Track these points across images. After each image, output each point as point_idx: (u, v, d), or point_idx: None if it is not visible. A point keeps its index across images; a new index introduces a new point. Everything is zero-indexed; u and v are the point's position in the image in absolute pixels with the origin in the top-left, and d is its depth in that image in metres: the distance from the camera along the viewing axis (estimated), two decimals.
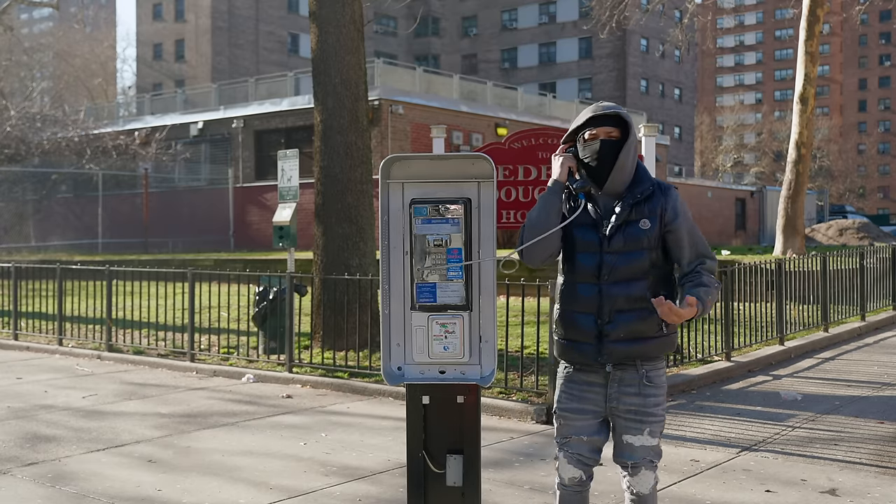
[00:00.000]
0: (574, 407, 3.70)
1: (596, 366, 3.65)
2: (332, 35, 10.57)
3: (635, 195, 3.63)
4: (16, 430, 7.43)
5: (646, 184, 3.66)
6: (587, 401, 3.68)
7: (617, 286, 3.59)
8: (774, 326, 11.08)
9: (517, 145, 11.51)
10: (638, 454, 3.66)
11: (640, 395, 3.64)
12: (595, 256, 3.61)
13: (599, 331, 3.60)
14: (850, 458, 6.28)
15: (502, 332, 9.80)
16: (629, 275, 3.59)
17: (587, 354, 3.64)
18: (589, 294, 3.62)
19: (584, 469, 3.72)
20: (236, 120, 32.10)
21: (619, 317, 3.59)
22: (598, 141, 3.63)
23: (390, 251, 3.83)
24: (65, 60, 60.72)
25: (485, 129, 31.30)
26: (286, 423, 7.62)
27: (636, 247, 3.60)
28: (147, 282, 12.23)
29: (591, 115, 3.66)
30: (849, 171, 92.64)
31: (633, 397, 3.64)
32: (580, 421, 3.69)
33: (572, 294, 3.68)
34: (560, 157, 3.71)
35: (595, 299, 3.61)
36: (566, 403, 3.73)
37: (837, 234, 29.72)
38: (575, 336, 3.67)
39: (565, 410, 3.72)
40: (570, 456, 3.71)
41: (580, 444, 3.70)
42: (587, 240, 3.63)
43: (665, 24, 57.15)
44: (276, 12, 61.83)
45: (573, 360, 3.71)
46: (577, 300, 3.65)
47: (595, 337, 3.62)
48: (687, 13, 30.56)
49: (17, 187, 30.93)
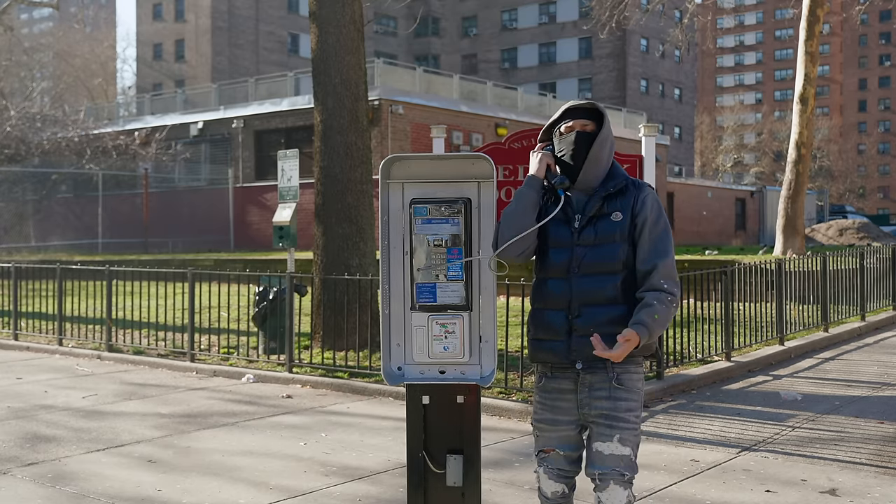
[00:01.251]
0: (547, 417, 3.61)
1: (566, 365, 3.54)
2: (332, 35, 10.57)
3: (608, 188, 3.57)
4: (16, 430, 7.43)
5: (619, 179, 3.60)
6: (560, 410, 3.58)
7: (587, 279, 3.50)
8: (774, 326, 11.08)
9: (517, 145, 11.47)
10: (607, 463, 3.47)
11: (610, 398, 3.50)
12: (566, 251, 3.53)
13: (569, 326, 3.51)
14: (850, 458, 6.28)
15: (502, 332, 9.80)
16: (600, 269, 3.50)
17: (558, 353, 3.54)
18: (559, 290, 3.54)
19: (565, 482, 3.64)
20: (236, 120, 32.10)
21: (588, 310, 3.49)
22: (574, 133, 3.59)
23: (390, 251, 3.83)
24: (65, 60, 60.72)
25: (485, 129, 31.29)
26: (286, 423, 7.62)
27: (607, 240, 3.51)
28: (147, 282, 12.23)
29: (566, 107, 3.65)
30: (849, 171, 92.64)
31: (604, 401, 3.51)
32: (555, 432, 3.60)
33: (543, 291, 3.61)
34: (538, 153, 3.67)
35: (565, 295, 3.52)
36: (540, 414, 3.64)
37: (837, 234, 29.71)
38: (545, 335, 3.58)
39: (540, 421, 3.64)
40: (549, 471, 3.63)
41: (558, 458, 3.61)
42: (559, 236, 3.56)
43: (665, 24, 57.16)
44: (276, 12, 61.83)
45: (544, 359, 3.61)
46: (548, 297, 3.58)
47: (566, 333, 3.52)
48: (687, 13, 30.56)
49: (17, 187, 30.93)
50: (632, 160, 8.34)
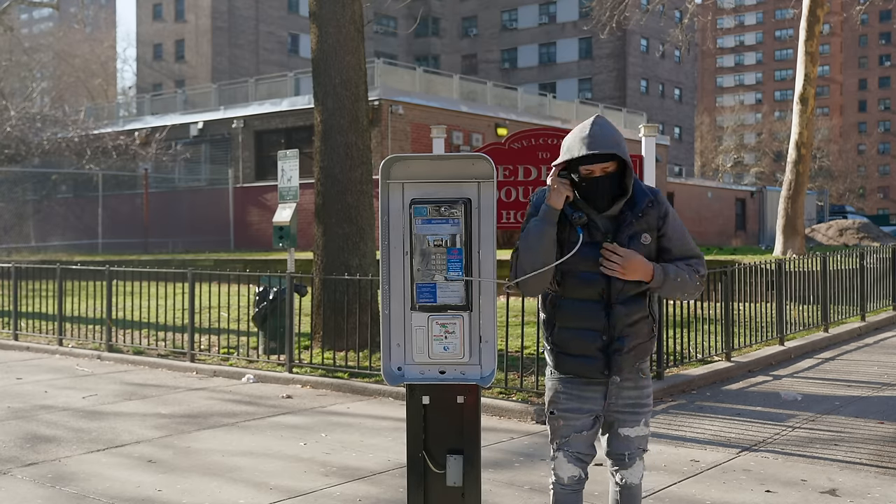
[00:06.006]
0: (574, 407, 3.72)
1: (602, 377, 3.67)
2: (332, 35, 10.58)
3: (636, 213, 3.66)
4: (16, 430, 7.43)
5: (642, 200, 3.69)
6: (587, 400, 3.71)
7: (626, 304, 3.63)
8: (774, 326, 11.08)
9: (517, 145, 11.50)
10: (634, 444, 3.76)
11: (636, 387, 3.73)
12: (596, 274, 3.61)
13: (607, 346, 3.63)
14: (850, 459, 6.28)
15: (502, 333, 9.80)
16: (636, 291, 3.64)
17: (593, 367, 3.66)
18: (595, 314, 3.63)
19: (581, 467, 3.76)
20: (236, 120, 32.10)
21: (629, 331, 3.64)
22: (595, 179, 3.62)
23: (390, 251, 3.83)
24: (65, 60, 60.72)
25: (485, 130, 31.29)
26: (286, 424, 7.62)
27: None
28: (147, 282, 12.23)
29: (587, 152, 3.55)
30: (849, 172, 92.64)
31: (632, 391, 3.72)
32: (579, 420, 3.72)
33: (573, 312, 3.67)
34: (556, 184, 3.60)
35: (601, 317, 3.62)
36: (565, 404, 3.73)
37: (837, 235, 29.71)
38: (579, 350, 3.67)
39: (565, 411, 3.73)
40: (569, 455, 3.74)
41: (579, 441, 3.73)
42: (590, 258, 3.61)
43: (665, 24, 57.18)
44: (276, 12, 61.84)
45: (575, 371, 3.71)
46: (581, 319, 3.65)
47: (600, 350, 3.64)
48: (687, 13, 30.57)
49: (18, 187, 30.91)
50: (632, 160, 8.34)
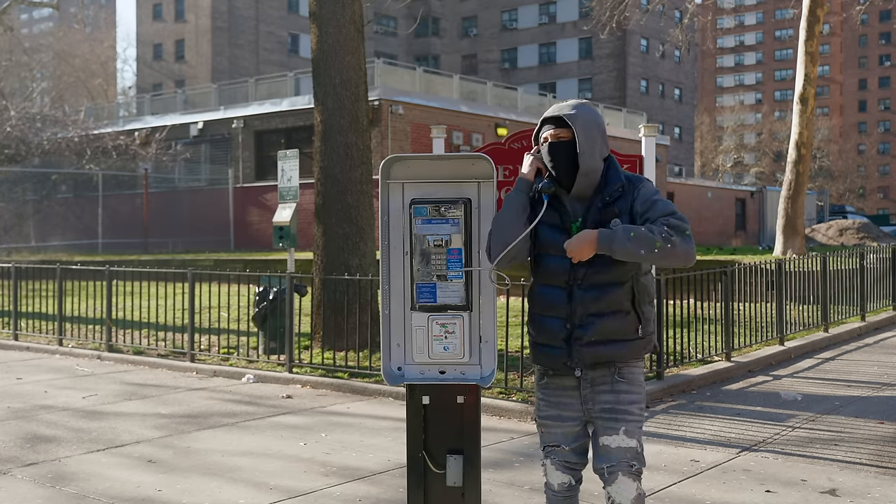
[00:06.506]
0: (552, 414, 3.63)
1: (566, 370, 3.56)
2: (332, 35, 10.58)
3: (604, 198, 3.51)
4: (16, 430, 7.43)
5: (614, 185, 3.52)
6: (565, 406, 3.60)
7: (591, 290, 3.47)
8: (774, 326, 11.08)
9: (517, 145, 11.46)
10: (614, 456, 3.49)
11: (612, 391, 3.52)
12: (563, 260, 3.48)
13: (569, 334, 3.51)
14: (850, 459, 6.28)
15: (502, 333, 9.80)
16: (604, 279, 3.47)
17: (556, 358, 3.55)
18: (558, 299, 3.52)
19: (572, 474, 3.66)
20: (236, 120, 32.09)
21: (591, 320, 3.48)
22: (547, 144, 3.55)
23: (390, 251, 3.83)
24: (65, 60, 60.72)
25: (485, 130, 31.29)
26: (286, 424, 7.62)
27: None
28: (147, 282, 12.23)
29: (544, 116, 3.60)
30: (849, 172, 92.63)
31: (607, 395, 3.52)
32: (560, 428, 3.62)
33: (541, 298, 3.60)
34: (530, 155, 3.63)
35: (564, 303, 3.51)
36: (545, 411, 3.66)
37: (837, 235, 29.70)
38: (545, 339, 3.58)
39: (544, 418, 3.66)
40: (556, 462, 3.65)
41: (564, 452, 3.63)
42: (555, 242, 3.51)
43: (665, 24, 57.17)
44: (276, 12, 61.83)
45: (543, 363, 3.63)
46: (546, 305, 3.57)
47: (564, 340, 3.52)
48: (687, 13, 30.56)
49: (18, 187, 30.92)
50: (632, 160, 8.35)
